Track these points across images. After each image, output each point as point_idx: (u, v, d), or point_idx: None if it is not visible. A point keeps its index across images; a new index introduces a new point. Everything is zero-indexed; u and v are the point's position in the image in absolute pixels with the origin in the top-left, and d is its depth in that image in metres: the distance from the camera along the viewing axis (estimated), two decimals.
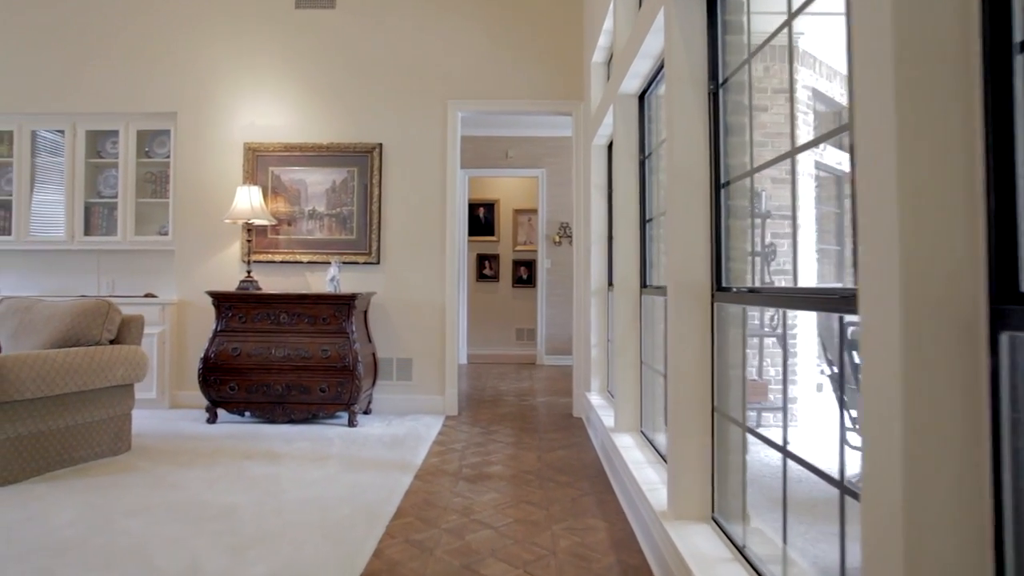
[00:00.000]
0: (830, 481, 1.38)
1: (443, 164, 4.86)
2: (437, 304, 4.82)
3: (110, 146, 5.15)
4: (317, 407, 4.28)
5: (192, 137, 4.92)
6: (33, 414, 3.14)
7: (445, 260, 4.83)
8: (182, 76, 4.94)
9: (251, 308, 4.36)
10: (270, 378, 4.29)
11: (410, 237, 4.85)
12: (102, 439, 3.47)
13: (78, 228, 5.03)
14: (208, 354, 4.31)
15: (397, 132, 4.87)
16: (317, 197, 4.88)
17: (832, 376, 3.58)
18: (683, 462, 2.01)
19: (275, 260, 4.86)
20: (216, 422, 4.35)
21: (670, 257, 2.11)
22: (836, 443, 2.73)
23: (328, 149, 4.85)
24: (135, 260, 5.23)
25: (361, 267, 4.85)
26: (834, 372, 3.56)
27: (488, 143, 7.87)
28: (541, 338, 7.78)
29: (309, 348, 4.29)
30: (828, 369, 3.60)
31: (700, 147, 2.05)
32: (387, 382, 4.83)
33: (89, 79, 4.99)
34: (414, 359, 4.83)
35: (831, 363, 3.54)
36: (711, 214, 2.03)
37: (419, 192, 4.86)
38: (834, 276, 5.54)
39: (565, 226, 7.79)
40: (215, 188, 4.91)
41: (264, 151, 4.87)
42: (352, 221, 4.86)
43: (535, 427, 4.44)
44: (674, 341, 2.05)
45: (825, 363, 3.87)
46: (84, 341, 3.44)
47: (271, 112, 4.91)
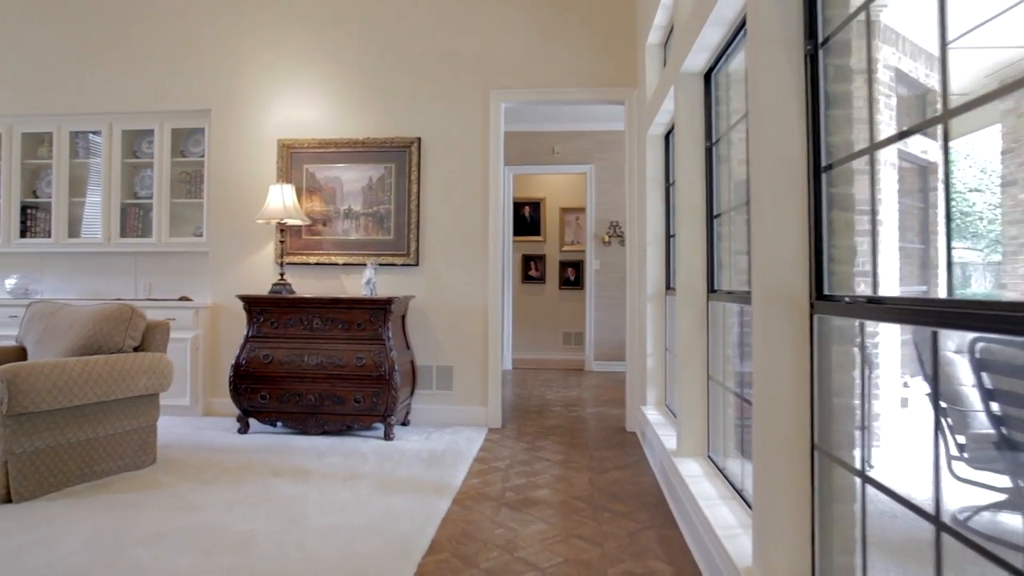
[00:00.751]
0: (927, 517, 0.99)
1: (485, 159, 4.55)
2: (479, 308, 4.51)
3: (146, 146, 5.02)
4: (351, 418, 4.03)
5: (225, 134, 4.75)
6: (51, 427, 2.96)
7: (488, 261, 4.51)
8: (215, 71, 4.77)
9: (283, 313, 4.14)
10: (303, 387, 4.05)
11: (451, 237, 4.56)
12: (125, 452, 3.28)
13: (114, 230, 4.92)
14: (239, 361, 4.10)
15: (436, 125, 4.59)
16: (353, 195, 4.63)
17: (931, 396, 3.08)
18: (773, 509, 1.62)
19: (309, 262, 4.63)
20: (247, 432, 4.14)
21: (755, 258, 1.73)
22: (930, 470, 2.28)
23: (364, 144, 4.60)
24: (171, 262, 5.09)
25: (399, 269, 4.58)
26: (932, 390, 3.08)
27: (533, 139, 7.53)
28: (589, 343, 7.40)
29: (343, 355, 4.04)
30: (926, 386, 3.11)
31: (794, 123, 1.66)
32: (426, 391, 4.55)
33: (125, 78, 4.87)
34: (455, 367, 4.53)
35: (930, 379, 3.04)
36: (809, 205, 1.64)
37: (460, 189, 4.56)
38: (917, 278, 5.00)
39: (615, 225, 7.38)
40: (249, 187, 4.72)
41: (298, 148, 4.65)
42: (389, 220, 4.59)
43: (585, 443, 4.08)
44: (762, 361, 1.67)
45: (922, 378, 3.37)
46: (106, 348, 3.25)
47: (305, 107, 4.69)
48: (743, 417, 2.47)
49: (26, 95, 4.99)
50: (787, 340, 1.64)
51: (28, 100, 4.99)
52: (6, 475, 2.85)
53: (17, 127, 5.03)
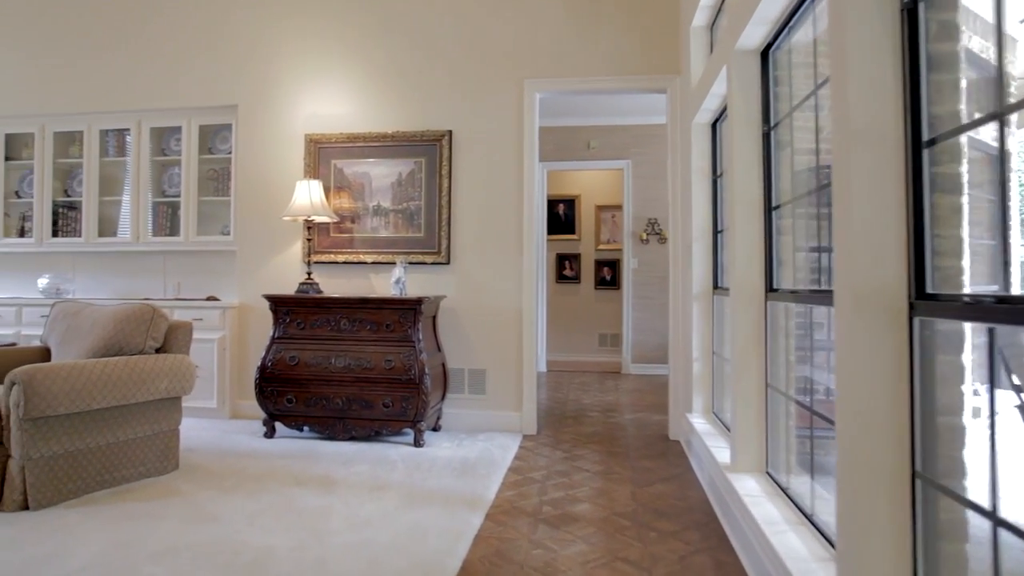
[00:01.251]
0: None
1: (519, 152, 4.33)
2: (513, 309, 4.30)
3: (174, 143, 4.95)
4: (380, 424, 3.85)
5: (253, 130, 4.63)
6: (69, 431, 2.85)
7: (522, 260, 4.30)
8: (242, 66, 4.66)
9: (310, 313, 3.99)
10: (330, 391, 3.89)
11: (484, 234, 4.35)
12: (146, 457, 3.16)
13: (143, 229, 4.85)
14: (265, 363, 3.97)
15: (468, 118, 4.39)
16: (382, 191, 4.47)
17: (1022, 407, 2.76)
18: (864, 546, 1.37)
19: (337, 261, 4.48)
20: (273, 437, 4.00)
21: (839, 252, 1.47)
22: None
23: (393, 138, 4.43)
24: (198, 261, 5.01)
25: (429, 268, 4.40)
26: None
27: (568, 133, 7.29)
28: (627, 345, 7.12)
29: (372, 358, 3.87)
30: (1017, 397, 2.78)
31: (888, 90, 1.40)
32: (458, 395, 4.35)
33: (153, 74, 4.79)
34: (488, 370, 4.32)
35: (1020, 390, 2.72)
36: (907, 189, 1.39)
37: (493, 184, 4.36)
38: (988, 277, 4.61)
39: (653, 222, 7.09)
40: (276, 184, 4.59)
41: (326, 143, 4.50)
42: (420, 217, 4.41)
43: (626, 451, 3.83)
44: (848, 372, 1.42)
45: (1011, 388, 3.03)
46: (127, 349, 3.14)
47: (333, 100, 4.54)
48: (810, 429, 2.21)
49: (58, 94, 4.96)
50: (880, 347, 1.38)
51: (60, 99, 4.96)
52: (23, 481, 2.74)
53: (49, 126, 5.01)
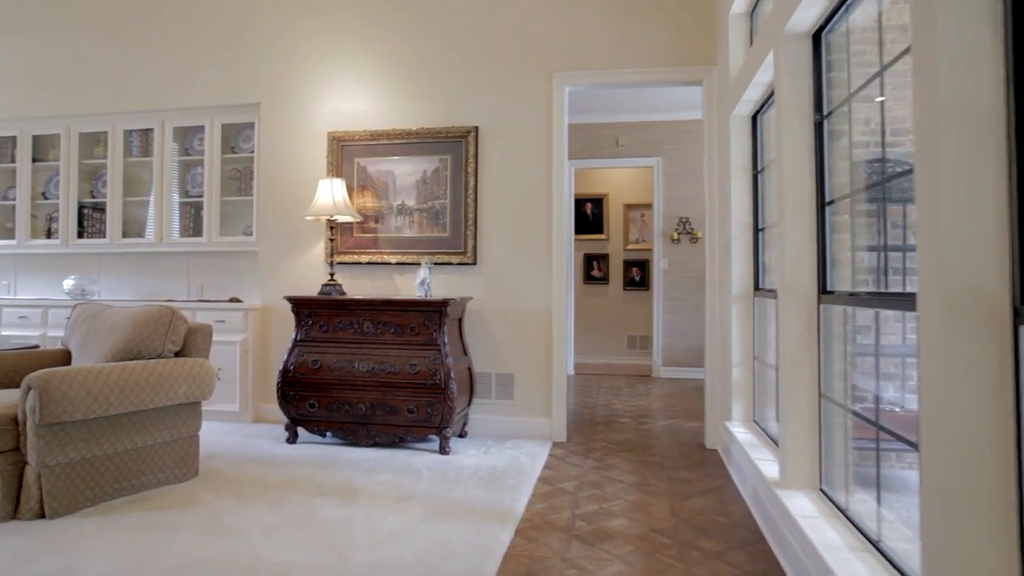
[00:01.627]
0: None
1: (548, 148, 4.17)
2: (542, 311, 4.14)
3: (197, 143, 4.89)
4: (405, 430, 3.72)
5: (275, 128, 4.54)
6: (86, 437, 2.76)
7: (551, 260, 4.14)
8: (264, 62, 4.57)
9: (332, 315, 3.88)
10: (353, 395, 3.77)
11: (511, 233, 4.20)
12: (165, 464, 3.07)
13: (167, 229, 4.79)
14: (287, 366, 3.87)
15: (495, 113, 4.24)
16: (406, 190, 4.34)
17: None
18: None
19: (360, 261, 4.37)
20: (296, 442, 3.90)
21: (924, 251, 1.29)
22: None
23: (418, 135, 4.30)
24: (222, 262, 4.94)
25: (455, 268, 4.26)
26: None
27: (596, 131, 7.10)
28: (657, 347, 6.91)
29: (396, 362, 3.74)
30: None
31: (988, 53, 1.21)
32: (485, 401, 4.20)
33: (176, 74, 4.74)
34: (516, 375, 4.17)
35: None
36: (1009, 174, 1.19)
37: (521, 181, 4.20)
38: None
39: (685, 221, 6.87)
40: (299, 183, 4.50)
41: (349, 140, 4.39)
42: (445, 216, 4.28)
43: (661, 461, 3.65)
44: (936, 388, 1.23)
45: None
46: (146, 353, 3.05)
47: (357, 97, 4.43)
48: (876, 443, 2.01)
49: (82, 95, 4.93)
50: (977, 359, 1.19)
51: (84, 100, 4.93)
52: (40, 489, 2.66)
53: (74, 127, 4.99)
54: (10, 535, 2.48)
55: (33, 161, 5.13)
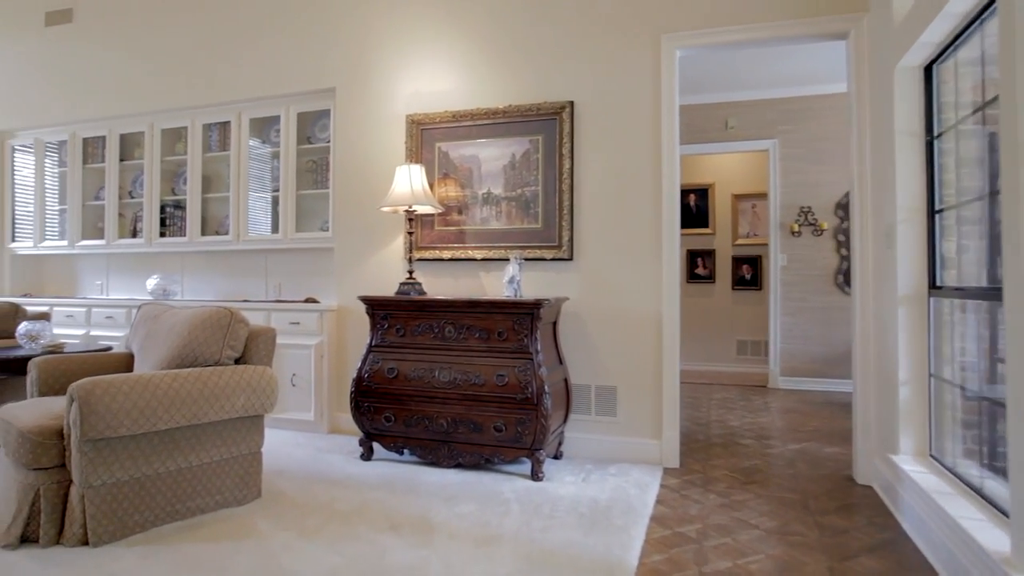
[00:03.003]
0: None
1: (655, 125, 3.56)
2: (650, 314, 3.53)
3: (274, 135, 4.62)
4: (491, 450, 3.23)
5: (350, 114, 4.18)
6: (134, 455, 2.44)
7: (662, 257, 3.52)
8: (339, 44, 4.23)
9: (410, 318, 3.44)
10: (432, 409, 3.32)
11: (613, 224, 3.62)
12: (223, 485, 2.72)
13: (243, 226, 4.56)
14: (361, 374, 3.47)
15: (593, 85, 3.67)
16: (493, 176, 3.85)
17: None
18: None
19: (442, 257, 3.92)
20: (371, 459, 3.49)
21: None
22: None
23: (506, 114, 3.80)
24: (298, 260, 4.66)
25: (549, 264, 3.73)
26: None
27: (701, 113, 6.37)
28: (774, 354, 6.08)
29: (481, 372, 3.26)
30: None
31: None
32: (583, 417, 3.64)
33: (251, 62, 4.49)
34: (619, 388, 3.58)
35: None
36: None
37: (625, 164, 3.61)
38: None
39: (807, 211, 6.01)
40: (376, 173, 4.11)
41: (429, 123, 3.96)
42: (536, 205, 3.76)
43: (803, 499, 2.95)
44: None
45: None
46: (202, 360, 2.71)
47: (437, 76, 3.99)
48: None
49: (164, 91, 4.80)
50: None
51: (166, 96, 4.79)
52: (83, 512, 2.36)
53: (157, 124, 4.86)
54: (47, 565, 2.18)
55: (120, 160, 5.06)
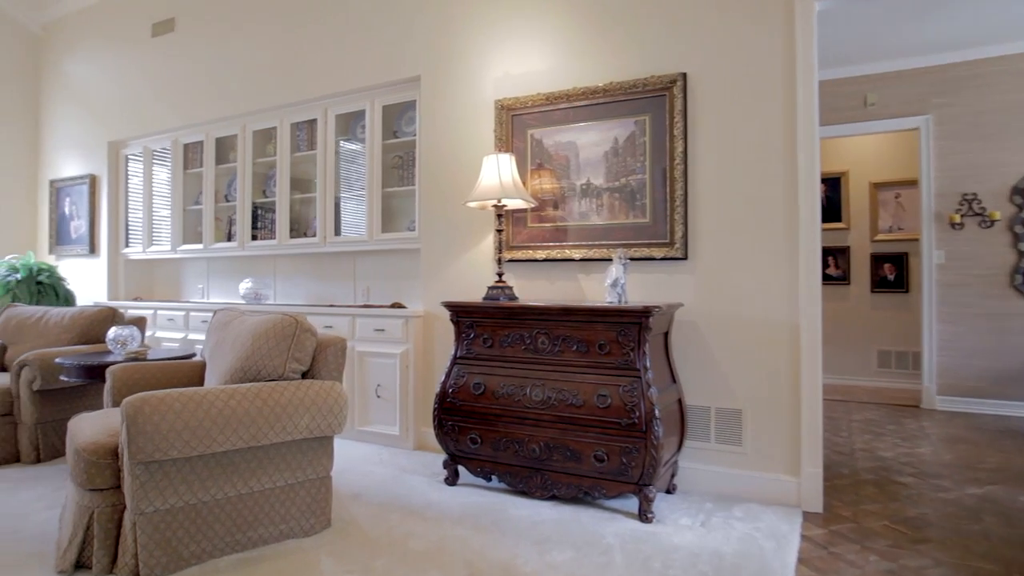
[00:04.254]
0: None
1: (788, 98, 2.95)
2: (784, 323, 2.91)
3: (359, 131, 4.39)
4: (591, 482, 2.75)
5: (436, 104, 3.85)
6: (188, 479, 2.19)
7: (798, 254, 2.90)
8: (423, 29, 3.91)
9: (498, 326, 3.04)
10: (523, 431, 2.89)
11: (736, 217, 3.04)
12: (288, 513, 2.43)
13: (329, 227, 4.36)
14: (445, 389, 3.11)
15: (709, 54, 3.11)
16: (592, 165, 3.38)
17: None
18: None
19: (536, 258, 3.49)
20: (455, 484, 3.12)
21: None
22: None
23: (606, 93, 3.32)
24: (385, 262, 4.40)
25: (658, 265, 3.20)
26: None
27: (833, 89, 5.54)
28: (928, 369, 5.14)
29: (579, 390, 2.79)
30: None
31: None
32: (700, 444, 3.08)
33: (335, 55, 4.28)
34: (746, 411, 2.99)
35: None
36: None
37: (750, 145, 3.02)
38: None
39: (970, 199, 5.04)
40: (463, 166, 3.76)
41: (520, 108, 3.55)
42: (643, 196, 3.24)
43: (1006, 572, 2.24)
44: None
45: None
46: (265, 373, 2.43)
47: (528, 55, 3.57)
48: None
49: (254, 92, 4.72)
50: None
51: (256, 97, 4.71)
52: (135, 541, 2.13)
53: (249, 125, 4.79)
54: None
55: (216, 164, 5.05)
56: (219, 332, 2.80)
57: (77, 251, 5.90)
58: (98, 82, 5.80)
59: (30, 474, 3.32)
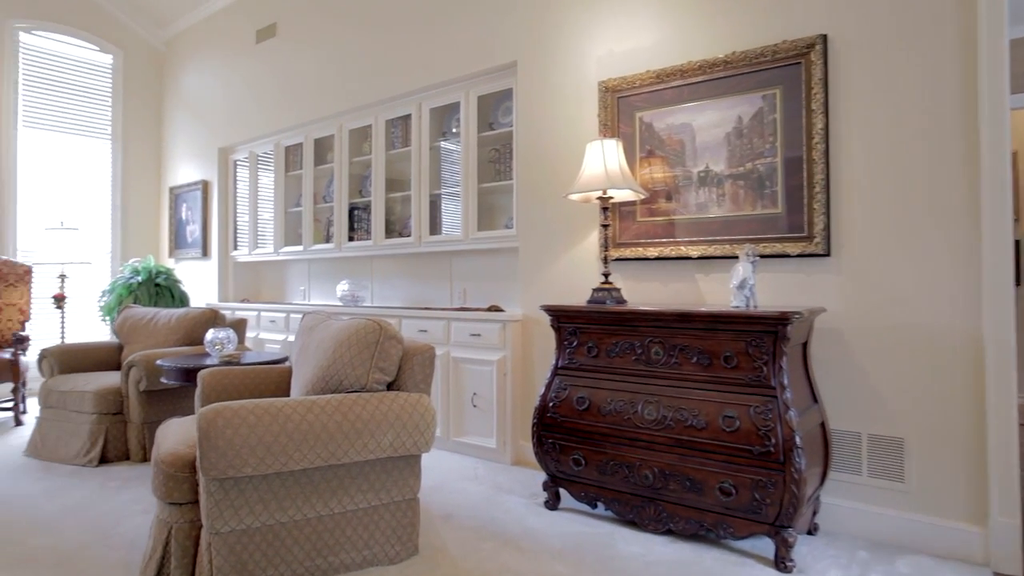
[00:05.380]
0: None
1: (967, 59, 2.38)
2: (962, 333, 2.35)
3: (454, 126, 4.18)
4: (715, 518, 2.34)
5: (534, 90, 3.55)
6: (264, 498, 2.01)
7: (981, 250, 2.34)
8: (518, 10, 3.62)
9: (605, 333, 2.68)
10: (634, 455, 2.52)
11: (894, 205, 2.51)
12: (371, 538, 2.20)
13: (424, 226, 4.17)
14: (545, 402, 2.79)
15: (855, 8, 2.59)
16: (711, 149, 2.95)
17: None
18: None
19: (647, 256, 3.10)
20: (556, 508, 2.80)
21: None
22: None
23: (727, 65, 2.88)
24: (482, 262, 4.15)
25: (793, 263, 2.72)
26: None
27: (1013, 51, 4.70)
28: None
29: (701, 410, 2.39)
30: None
31: None
32: (848, 477, 2.57)
33: (428, 46, 4.09)
34: (908, 440, 2.45)
35: None
36: None
37: (912, 119, 2.48)
38: None
39: None
40: (564, 158, 3.43)
41: (627, 89, 3.17)
42: (774, 183, 2.78)
43: None
44: None
45: None
46: (347, 384, 2.22)
47: (636, 27, 3.19)
48: None
49: (351, 90, 4.63)
50: None
51: (352, 95, 4.62)
52: (210, 562, 1.97)
53: (345, 124, 4.72)
54: None
55: (315, 165, 5.03)
56: (304, 337, 2.64)
57: (192, 254, 6.13)
58: (209, 91, 6.01)
59: (135, 473, 3.35)
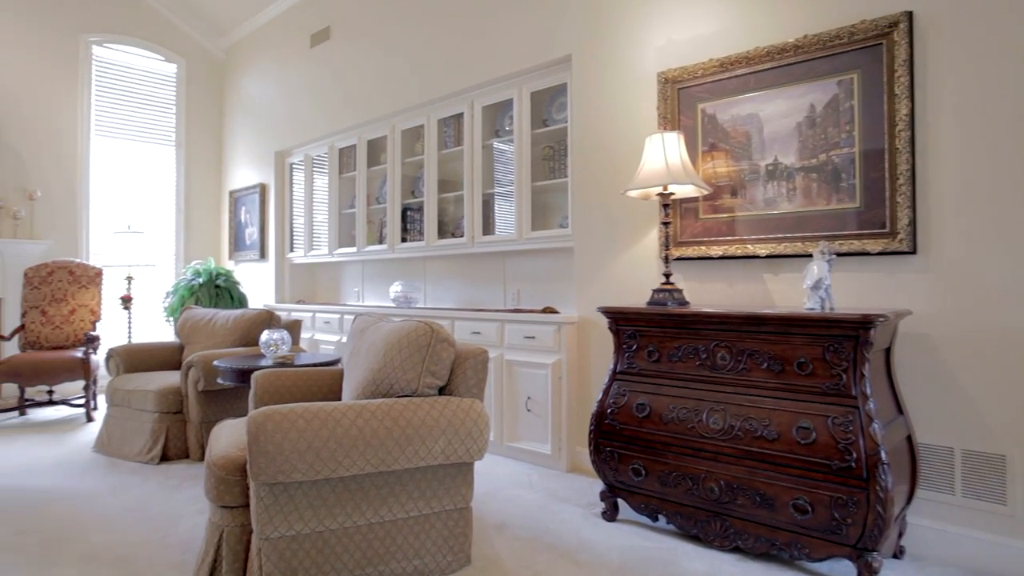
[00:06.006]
0: None
1: None
2: None
3: (507, 123, 4.09)
4: (788, 537, 2.16)
5: (590, 84, 3.43)
6: (314, 504, 1.96)
7: None
8: (576, 1, 3.51)
9: (667, 337, 2.54)
10: (699, 466, 2.37)
11: (990, 197, 2.28)
12: (423, 547, 2.13)
13: (477, 226, 4.10)
14: (602, 408, 2.66)
15: None
16: (780, 140, 2.76)
17: None
18: None
19: (711, 255, 2.93)
20: (614, 520, 2.66)
21: None
22: None
23: (798, 50, 2.68)
24: (536, 263, 4.05)
25: (873, 262, 2.51)
26: None
27: None
28: None
29: (772, 419, 2.22)
30: None
31: None
32: (938, 496, 2.35)
33: (479, 44, 4.02)
34: (1012, 458, 2.22)
35: None
36: None
37: (1010, 105, 2.25)
38: None
39: None
40: (621, 153, 3.30)
41: (688, 80, 3.01)
42: (852, 175, 2.57)
43: None
44: None
45: None
46: (398, 388, 2.16)
47: (697, 14, 3.02)
48: None
49: (403, 89, 4.61)
50: None
51: (405, 95, 4.60)
52: (260, 568, 1.94)
53: (398, 125, 4.70)
54: None
55: (368, 167, 5.04)
56: (356, 339, 2.60)
57: (250, 256, 6.25)
58: (266, 96, 6.11)
59: (193, 472, 3.38)
